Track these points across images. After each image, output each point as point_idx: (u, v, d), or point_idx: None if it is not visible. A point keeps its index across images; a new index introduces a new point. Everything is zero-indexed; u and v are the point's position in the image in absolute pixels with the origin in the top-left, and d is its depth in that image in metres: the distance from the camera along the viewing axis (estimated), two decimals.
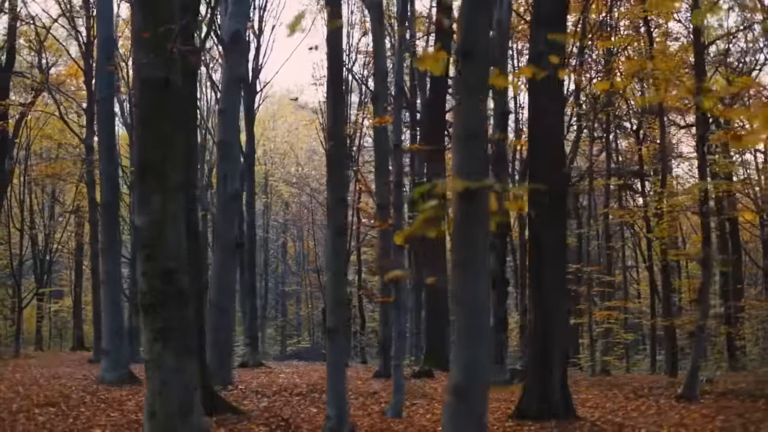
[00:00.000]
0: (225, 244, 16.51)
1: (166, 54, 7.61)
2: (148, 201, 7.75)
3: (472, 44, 3.64)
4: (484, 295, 3.63)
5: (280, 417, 11.55)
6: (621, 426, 11.74)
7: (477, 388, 3.56)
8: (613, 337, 29.76)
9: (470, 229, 3.57)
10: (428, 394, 15.98)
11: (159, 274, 7.68)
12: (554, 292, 11.92)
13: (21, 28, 30.06)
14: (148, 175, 7.76)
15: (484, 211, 3.52)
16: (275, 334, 51.81)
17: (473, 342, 3.57)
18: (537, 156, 12.45)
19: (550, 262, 11.95)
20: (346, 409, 10.23)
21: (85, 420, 11.38)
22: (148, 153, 7.78)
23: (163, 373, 7.69)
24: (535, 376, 11.92)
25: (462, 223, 3.55)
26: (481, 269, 3.63)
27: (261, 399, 14.50)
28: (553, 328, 11.81)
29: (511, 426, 11.46)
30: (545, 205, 11.79)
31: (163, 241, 7.68)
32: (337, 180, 10.39)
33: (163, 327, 7.66)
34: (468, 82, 3.63)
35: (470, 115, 3.57)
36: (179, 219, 7.84)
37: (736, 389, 16.86)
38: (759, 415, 13.08)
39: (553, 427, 11.17)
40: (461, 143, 3.61)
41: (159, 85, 7.65)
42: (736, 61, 33.02)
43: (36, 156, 37.59)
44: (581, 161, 34.28)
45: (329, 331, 10.25)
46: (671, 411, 13.77)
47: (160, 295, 7.66)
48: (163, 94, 7.68)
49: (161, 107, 7.73)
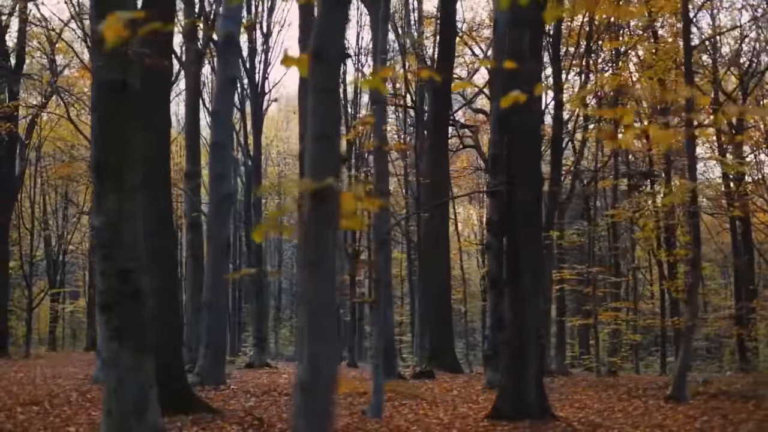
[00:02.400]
0: (217, 244, 16.60)
1: (122, 56, 7.70)
2: (104, 202, 7.85)
3: (323, 46, 3.69)
4: (331, 295, 3.70)
5: (253, 416, 11.61)
6: (597, 426, 11.74)
7: (321, 384, 3.62)
8: (621, 338, 29.68)
9: (319, 229, 3.63)
10: (419, 395, 16.00)
11: (115, 274, 7.77)
12: (531, 292, 11.92)
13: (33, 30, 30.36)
14: (104, 177, 7.85)
15: (333, 212, 3.57)
16: (290, 335, 51.99)
17: (317, 339, 3.63)
18: (514, 156, 12.46)
19: (526, 261, 11.95)
20: None
21: (65, 418, 11.50)
22: (104, 154, 7.87)
23: (119, 372, 7.78)
24: (511, 376, 11.93)
25: (311, 223, 3.61)
26: (327, 269, 3.70)
27: (249, 399, 14.59)
28: (528, 328, 11.80)
29: (486, 426, 11.47)
30: (523, 204, 11.82)
31: (119, 241, 7.77)
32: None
33: (119, 326, 7.76)
34: (318, 83, 3.70)
35: (321, 115, 3.62)
36: (136, 220, 7.92)
37: (730, 390, 16.78)
38: (743, 416, 13.03)
39: (526, 427, 11.18)
40: (312, 143, 3.67)
41: (115, 88, 7.74)
42: (748, 60, 32.87)
43: (49, 157, 37.95)
44: (591, 162, 34.17)
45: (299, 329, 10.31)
46: (656, 412, 13.75)
47: (117, 294, 7.75)
48: (120, 97, 7.76)
49: (118, 109, 7.81)
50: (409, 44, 31.53)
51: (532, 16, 12.01)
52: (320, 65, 3.65)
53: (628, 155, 34.18)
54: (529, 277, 11.84)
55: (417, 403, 14.69)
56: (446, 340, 25.19)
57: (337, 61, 3.68)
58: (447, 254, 25.78)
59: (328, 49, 3.67)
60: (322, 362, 3.63)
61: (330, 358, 3.66)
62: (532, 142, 12.63)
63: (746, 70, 32.11)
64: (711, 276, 44.17)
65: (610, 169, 32.15)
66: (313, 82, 3.73)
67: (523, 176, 12.08)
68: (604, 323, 29.54)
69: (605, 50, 30.04)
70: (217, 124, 16.80)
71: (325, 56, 3.66)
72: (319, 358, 3.63)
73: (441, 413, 13.15)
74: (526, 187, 11.94)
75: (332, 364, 3.70)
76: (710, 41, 31.19)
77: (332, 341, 3.68)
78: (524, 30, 11.88)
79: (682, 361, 15.05)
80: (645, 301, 39.33)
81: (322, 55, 3.65)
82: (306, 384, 3.64)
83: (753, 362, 30.49)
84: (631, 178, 33.26)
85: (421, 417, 12.70)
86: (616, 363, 28.42)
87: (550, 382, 21.08)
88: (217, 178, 16.51)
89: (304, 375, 3.64)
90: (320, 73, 3.66)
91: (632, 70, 30.34)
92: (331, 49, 3.68)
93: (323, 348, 3.64)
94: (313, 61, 3.66)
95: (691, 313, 15.11)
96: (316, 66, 3.66)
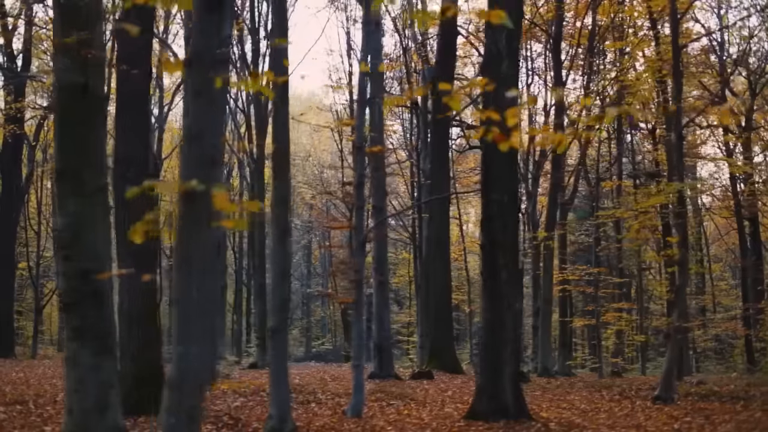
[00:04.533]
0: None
1: (82, 60, 7.80)
2: (65, 204, 7.97)
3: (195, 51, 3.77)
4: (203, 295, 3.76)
5: (230, 416, 11.69)
6: (574, 426, 11.74)
7: (190, 383, 3.69)
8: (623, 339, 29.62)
9: (191, 230, 3.70)
10: (409, 395, 16.01)
11: (76, 275, 7.88)
12: (507, 291, 11.92)
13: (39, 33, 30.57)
14: (65, 180, 7.97)
15: (205, 213, 3.64)
16: (300, 336, 52.10)
17: (185, 339, 3.70)
18: (490, 158, 12.46)
19: (503, 262, 11.97)
20: (288, 409, 10.35)
21: (46, 417, 11.60)
22: (64, 158, 7.98)
23: (79, 371, 7.90)
24: (486, 376, 11.94)
25: (184, 223, 3.68)
26: (198, 269, 3.76)
27: (236, 399, 14.66)
28: (504, 328, 11.81)
29: (461, 426, 11.49)
30: (498, 204, 11.84)
31: (79, 242, 7.87)
32: (281, 181, 10.53)
33: (79, 326, 7.87)
34: (192, 86, 3.78)
35: (196, 117, 3.70)
36: (97, 222, 8.02)
37: (722, 391, 16.74)
38: (727, 416, 12.99)
39: (500, 427, 11.20)
40: (185, 144, 3.75)
41: (75, 91, 7.83)
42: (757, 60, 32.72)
43: None
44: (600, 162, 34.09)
45: (272, 330, 10.39)
46: (640, 412, 13.74)
47: (77, 294, 7.87)
48: (80, 100, 7.86)
49: (78, 113, 7.91)
50: (411, 44, 31.58)
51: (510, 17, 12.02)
52: (193, 69, 3.73)
53: (634, 156, 34.12)
54: (506, 277, 11.85)
55: (405, 404, 14.70)
56: (446, 341, 25.19)
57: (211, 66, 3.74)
58: (447, 255, 25.76)
59: (201, 54, 3.75)
60: (190, 361, 3.71)
61: (199, 358, 3.73)
62: None
63: (755, 69, 31.96)
64: (721, 276, 44.01)
65: (615, 169, 32.10)
66: (189, 85, 3.82)
67: (498, 176, 12.10)
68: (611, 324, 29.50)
69: (609, 51, 29.98)
70: None
71: (199, 61, 3.74)
72: (188, 358, 3.70)
73: (424, 413, 13.17)
74: (501, 187, 11.96)
75: (201, 363, 3.76)
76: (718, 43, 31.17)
77: (202, 341, 3.75)
78: (501, 31, 11.88)
79: (670, 361, 15.02)
80: (655, 301, 39.23)
81: (194, 60, 3.73)
82: (173, 382, 3.73)
83: (761, 363, 30.31)
84: (637, 179, 33.19)
85: (402, 417, 12.73)
86: (619, 364, 28.37)
87: (548, 383, 21.11)
88: None
89: (172, 374, 3.73)
90: (193, 77, 3.74)
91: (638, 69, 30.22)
92: (205, 54, 3.75)
93: (192, 347, 3.71)
94: (188, 66, 3.74)
95: (679, 313, 15.06)
96: (190, 70, 3.74)
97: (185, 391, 3.69)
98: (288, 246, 10.76)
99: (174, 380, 3.73)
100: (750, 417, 12.88)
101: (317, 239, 52.68)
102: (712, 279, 40.93)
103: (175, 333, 3.73)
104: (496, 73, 11.77)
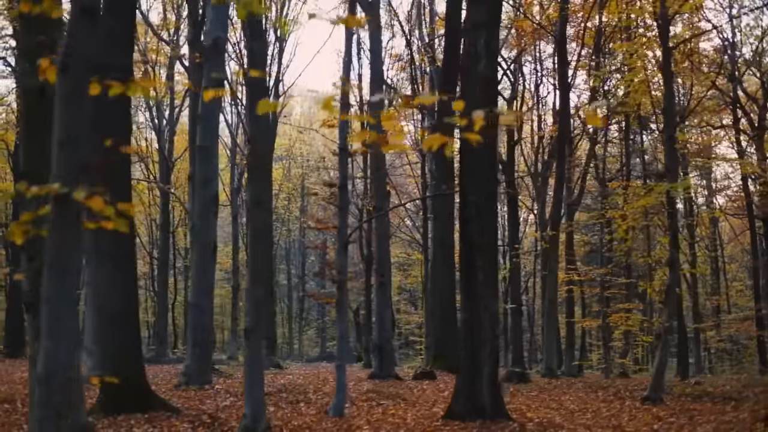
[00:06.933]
0: (203, 245, 16.85)
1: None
2: (28, 206, 8.08)
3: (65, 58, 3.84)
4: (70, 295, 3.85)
5: (209, 415, 11.79)
6: (554, 426, 11.73)
7: (56, 379, 3.78)
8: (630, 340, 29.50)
9: (61, 232, 3.79)
10: (401, 395, 16.06)
11: (39, 274, 8.00)
12: (485, 293, 11.93)
13: None
14: (29, 181, 8.08)
15: (75, 216, 3.73)
16: (315, 336, 52.26)
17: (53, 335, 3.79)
18: (467, 159, 12.48)
19: (481, 262, 11.98)
20: (262, 408, 10.42)
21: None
22: (28, 160, 8.11)
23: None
24: (464, 376, 11.95)
25: (55, 225, 3.77)
26: (65, 269, 3.85)
27: (227, 398, 14.76)
28: (482, 328, 11.82)
29: (438, 426, 11.52)
30: (475, 205, 11.86)
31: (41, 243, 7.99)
32: (257, 182, 10.62)
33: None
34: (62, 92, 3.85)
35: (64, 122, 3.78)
36: None
37: (715, 392, 16.68)
38: (711, 417, 12.96)
39: (475, 427, 11.22)
40: (56, 149, 3.83)
41: (35, 94, 7.96)
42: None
43: None
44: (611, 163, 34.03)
45: (247, 331, 10.46)
46: (626, 413, 13.72)
47: (39, 294, 7.98)
48: (41, 103, 7.99)
49: (40, 115, 8.05)
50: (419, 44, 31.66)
51: (488, 18, 12.07)
52: (64, 76, 3.81)
53: (644, 156, 34.00)
54: (482, 278, 11.86)
55: (395, 404, 14.75)
56: (450, 342, 25.20)
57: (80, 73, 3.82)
58: (451, 256, 25.79)
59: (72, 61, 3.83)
60: (58, 357, 3.80)
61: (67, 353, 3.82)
62: (482, 144, 12.57)
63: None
64: (736, 277, 43.75)
65: (624, 170, 32.00)
66: (58, 91, 3.90)
67: (474, 177, 12.11)
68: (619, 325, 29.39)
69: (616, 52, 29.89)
70: (203, 129, 17.01)
71: (70, 68, 3.82)
72: (56, 353, 3.80)
73: (409, 414, 13.20)
74: (478, 188, 11.96)
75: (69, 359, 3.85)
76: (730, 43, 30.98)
77: (68, 337, 3.83)
78: (481, 31, 11.91)
79: (659, 362, 14.97)
80: None
81: (67, 67, 3.81)
82: (42, 378, 3.82)
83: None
84: (647, 179, 33.04)
85: (384, 417, 12.77)
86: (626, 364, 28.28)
87: (548, 383, 21.09)
88: (203, 181, 16.75)
89: (40, 370, 3.82)
90: (64, 83, 3.83)
91: None
92: (77, 61, 3.83)
93: (59, 343, 3.81)
94: (60, 73, 3.82)
95: (668, 314, 15.02)
96: (61, 77, 3.82)
97: (53, 387, 3.78)
98: (264, 247, 10.85)
99: (42, 376, 3.82)
100: (734, 418, 12.84)
101: (332, 240, 52.73)
102: (727, 279, 40.70)
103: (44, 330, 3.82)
104: (473, 73, 11.82)
